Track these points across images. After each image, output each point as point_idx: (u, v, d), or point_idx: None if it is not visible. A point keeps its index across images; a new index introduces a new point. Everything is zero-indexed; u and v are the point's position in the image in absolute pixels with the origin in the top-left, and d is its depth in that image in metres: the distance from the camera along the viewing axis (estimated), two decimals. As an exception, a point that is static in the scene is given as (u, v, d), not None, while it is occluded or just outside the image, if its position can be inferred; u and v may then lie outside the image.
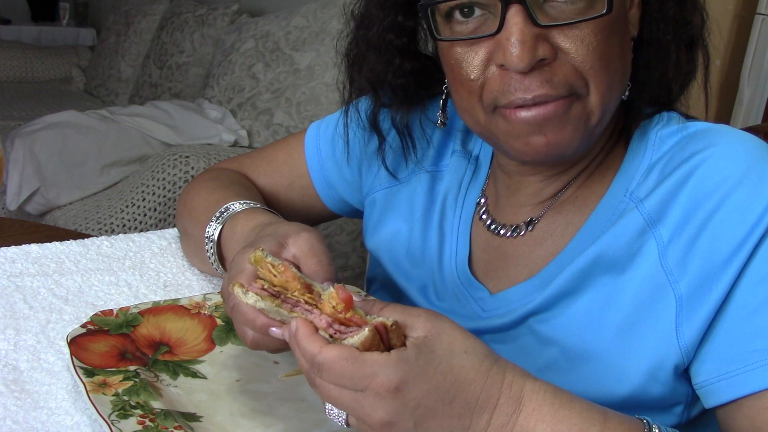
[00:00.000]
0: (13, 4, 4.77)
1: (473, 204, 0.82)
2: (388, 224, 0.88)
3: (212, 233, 0.82)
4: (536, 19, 0.62)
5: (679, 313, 0.65)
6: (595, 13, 0.63)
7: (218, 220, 0.82)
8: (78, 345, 0.69)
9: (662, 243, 0.66)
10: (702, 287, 0.64)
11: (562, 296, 0.70)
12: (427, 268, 0.83)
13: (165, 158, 2.25)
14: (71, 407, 0.66)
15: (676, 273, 0.65)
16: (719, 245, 0.63)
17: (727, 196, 0.64)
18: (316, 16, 2.50)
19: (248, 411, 0.66)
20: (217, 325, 0.78)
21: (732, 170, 0.65)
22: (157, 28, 3.36)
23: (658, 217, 0.67)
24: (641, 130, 0.73)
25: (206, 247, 0.83)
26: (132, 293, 0.87)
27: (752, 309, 0.62)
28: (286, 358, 0.75)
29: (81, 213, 2.27)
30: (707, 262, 0.64)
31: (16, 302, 0.82)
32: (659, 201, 0.67)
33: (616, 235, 0.68)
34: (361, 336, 0.53)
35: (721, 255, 0.63)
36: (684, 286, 0.65)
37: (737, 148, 0.66)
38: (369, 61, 0.79)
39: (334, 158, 0.95)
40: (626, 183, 0.71)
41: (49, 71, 4.13)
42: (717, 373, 0.63)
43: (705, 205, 0.65)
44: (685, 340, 0.65)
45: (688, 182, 0.66)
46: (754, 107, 2.37)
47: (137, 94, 3.33)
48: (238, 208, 0.82)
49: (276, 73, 2.53)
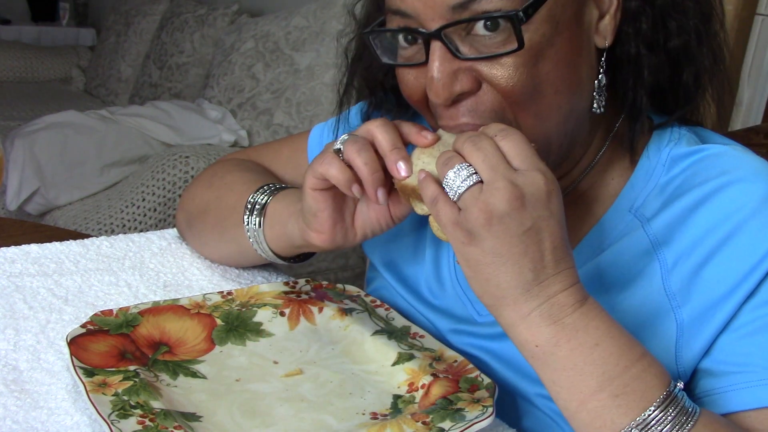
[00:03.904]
0: (13, 4, 4.77)
1: None
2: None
3: (260, 199, 0.81)
4: (457, 53, 0.62)
5: (679, 338, 0.65)
6: (509, 49, 0.61)
7: (264, 192, 0.82)
8: (78, 345, 0.69)
9: (666, 266, 0.66)
10: (704, 315, 0.64)
11: None
12: (425, 270, 0.83)
13: (165, 158, 2.25)
14: (71, 407, 0.66)
15: (679, 298, 0.65)
16: (726, 275, 0.63)
17: (739, 227, 0.63)
18: (316, 16, 2.50)
19: (248, 411, 0.66)
20: (217, 325, 0.78)
21: (746, 201, 0.64)
22: (157, 28, 3.36)
23: (664, 240, 0.66)
24: (655, 147, 0.71)
25: (244, 215, 0.81)
26: (132, 293, 0.87)
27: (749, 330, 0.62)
28: (286, 358, 0.75)
29: (81, 213, 2.27)
30: (712, 291, 0.63)
31: (15, 302, 0.82)
32: (666, 224, 0.67)
33: (619, 253, 0.68)
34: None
35: (727, 284, 0.63)
36: (686, 312, 0.64)
37: (753, 177, 0.65)
38: (365, 61, 0.79)
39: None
40: (632, 199, 0.70)
41: (49, 71, 4.12)
42: (708, 388, 0.63)
43: (715, 233, 0.64)
44: (684, 366, 0.65)
45: (700, 209, 0.65)
46: (754, 107, 2.37)
47: (137, 94, 3.33)
48: (285, 186, 0.82)
49: (276, 74, 2.53)
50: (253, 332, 0.78)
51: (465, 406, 0.64)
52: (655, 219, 0.68)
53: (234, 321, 0.79)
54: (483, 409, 0.64)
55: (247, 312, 0.80)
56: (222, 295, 0.82)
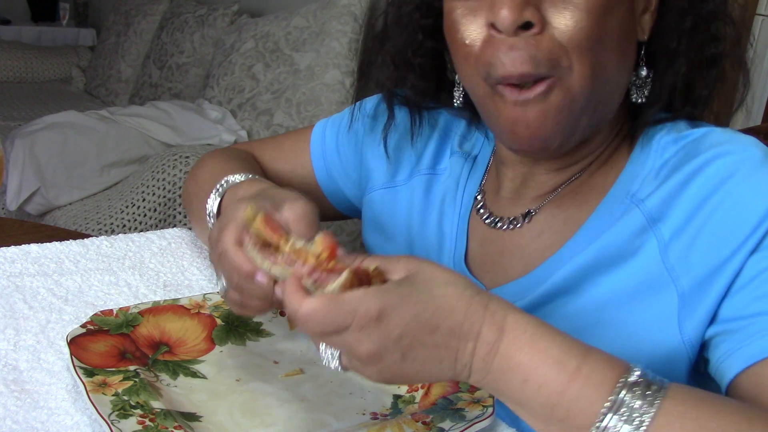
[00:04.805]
0: (13, 4, 4.77)
1: (471, 200, 0.82)
2: (385, 224, 0.88)
3: (212, 207, 0.81)
4: None
5: (681, 309, 0.65)
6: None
7: (217, 193, 0.81)
8: (78, 345, 0.69)
9: (663, 241, 0.66)
10: (705, 282, 0.64)
11: (558, 294, 0.70)
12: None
13: (165, 158, 2.25)
14: (71, 407, 0.66)
15: (678, 269, 0.65)
16: (722, 241, 0.63)
17: (729, 193, 0.64)
18: (316, 17, 2.50)
19: (248, 411, 0.66)
20: (217, 325, 0.78)
21: (735, 168, 0.65)
22: (157, 29, 3.36)
23: (659, 216, 0.67)
24: (647, 136, 0.73)
25: (208, 224, 0.82)
26: (132, 293, 0.87)
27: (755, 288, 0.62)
28: (286, 358, 0.75)
29: (81, 213, 2.27)
30: (710, 257, 0.64)
31: (15, 302, 0.82)
32: (661, 200, 0.67)
33: (615, 234, 0.69)
34: (341, 279, 0.53)
35: (725, 251, 0.63)
36: (686, 282, 0.65)
37: (742, 148, 0.67)
38: (393, 36, 0.80)
39: (337, 151, 0.96)
40: (628, 186, 0.71)
41: (49, 71, 4.12)
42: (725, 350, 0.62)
43: (708, 202, 0.65)
44: (689, 335, 0.65)
45: (692, 182, 0.66)
46: (754, 107, 2.37)
47: (137, 94, 3.32)
48: (237, 179, 0.81)
49: (276, 74, 2.53)
50: (253, 332, 0.78)
51: (465, 406, 0.64)
52: (649, 198, 0.69)
53: (234, 321, 0.79)
54: (483, 409, 0.64)
55: (247, 312, 0.80)
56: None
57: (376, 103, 0.92)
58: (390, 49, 0.81)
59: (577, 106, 0.67)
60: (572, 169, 0.75)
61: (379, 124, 0.90)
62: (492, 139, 0.85)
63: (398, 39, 0.80)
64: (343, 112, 0.98)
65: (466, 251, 0.80)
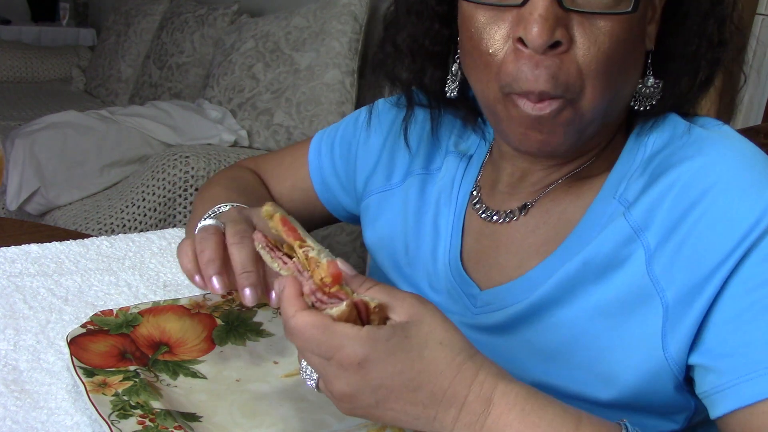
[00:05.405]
0: (13, 4, 4.77)
1: (466, 197, 0.82)
2: (383, 226, 0.88)
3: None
4: (562, 1, 0.62)
5: (665, 323, 0.64)
6: (621, 9, 0.63)
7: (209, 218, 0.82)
8: (78, 345, 0.69)
9: (649, 250, 0.66)
10: (688, 296, 0.63)
11: (549, 304, 0.70)
12: (423, 266, 0.83)
13: (165, 158, 2.25)
14: (71, 407, 0.66)
15: (663, 282, 0.65)
16: (705, 254, 0.63)
17: (712, 204, 0.63)
18: (316, 16, 2.50)
19: (248, 411, 0.66)
20: (217, 325, 0.78)
21: (717, 178, 0.64)
22: (157, 28, 3.36)
23: (645, 225, 0.66)
24: (637, 131, 0.73)
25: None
26: (132, 293, 0.87)
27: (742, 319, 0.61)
28: (286, 358, 0.75)
29: (81, 213, 2.27)
30: (693, 270, 0.63)
31: (15, 302, 0.82)
32: (646, 207, 0.67)
33: (602, 243, 0.68)
34: (339, 309, 0.53)
35: (708, 264, 0.62)
36: (671, 295, 0.64)
37: (726, 155, 0.66)
38: (408, 25, 0.79)
39: (332, 162, 0.97)
40: (617, 184, 0.71)
41: (49, 71, 4.12)
42: (712, 386, 0.62)
43: (691, 213, 0.64)
44: (670, 351, 0.64)
45: (674, 189, 0.66)
46: (754, 107, 2.37)
47: (137, 94, 3.32)
48: (224, 209, 0.82)
49: (276, 74, 2.53)
50: (253, 332, 0.78)
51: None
52: (636, 204, 0.68)
53: (234, 321, 0.79)
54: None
55: (247, 312, 0.80)
56: (222, 295, 0.82)
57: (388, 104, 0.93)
58: (406, 39, 0.79)
59: (586, 120, 0.67)
60: (571, 165, 0.75)
61: (373, 130, 0.91)
62: (488, 140, 0.85)
63: (413, 28, 0.78)
64: (339, 123, 0.99)
65: (462, 248, 0.80)
